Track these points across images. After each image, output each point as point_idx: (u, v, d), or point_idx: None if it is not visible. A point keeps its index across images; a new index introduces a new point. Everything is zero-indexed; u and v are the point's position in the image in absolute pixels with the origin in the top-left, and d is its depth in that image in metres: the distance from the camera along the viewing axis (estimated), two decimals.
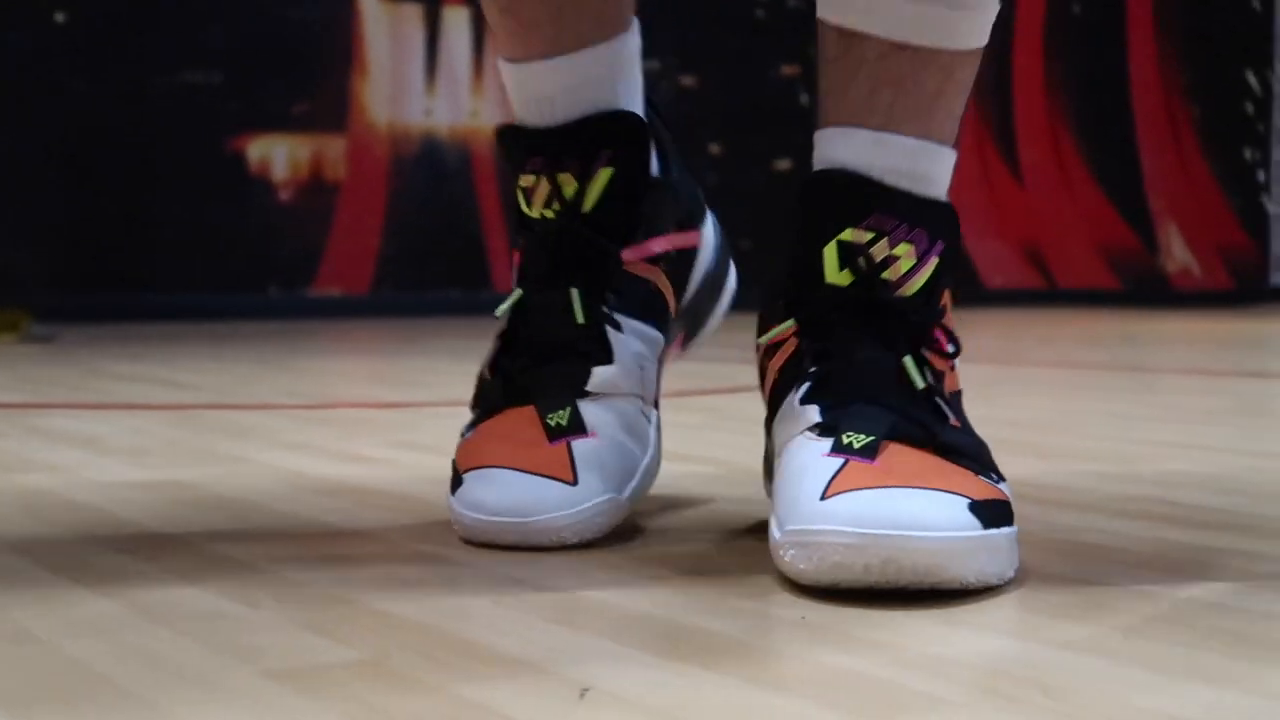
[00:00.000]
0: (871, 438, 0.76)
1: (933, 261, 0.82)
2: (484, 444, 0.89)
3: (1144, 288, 5.96)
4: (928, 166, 0.83)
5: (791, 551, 0.73)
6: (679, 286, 0.99)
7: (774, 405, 0.86)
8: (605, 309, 0.92)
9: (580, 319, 0.91)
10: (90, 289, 4.15)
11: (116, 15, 4.17)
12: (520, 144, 0.94)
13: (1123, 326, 4.15)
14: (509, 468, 0.86)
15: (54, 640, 0.65)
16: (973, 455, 0.78)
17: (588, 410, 0.89)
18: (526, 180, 0.94)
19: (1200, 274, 6.10)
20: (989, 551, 0.73)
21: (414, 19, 4.50)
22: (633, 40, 0.96)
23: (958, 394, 0.85)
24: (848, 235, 0.81)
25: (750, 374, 0.99)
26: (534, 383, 0.90)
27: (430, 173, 4.53)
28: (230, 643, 0.65)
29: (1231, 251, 6.16)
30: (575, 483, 0.86)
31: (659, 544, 0.88)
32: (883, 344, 0.81)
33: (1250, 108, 6.14)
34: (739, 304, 1.07)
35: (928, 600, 0.73)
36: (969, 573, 0.72)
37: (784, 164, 4.99)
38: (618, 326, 0.92)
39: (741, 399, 1.89)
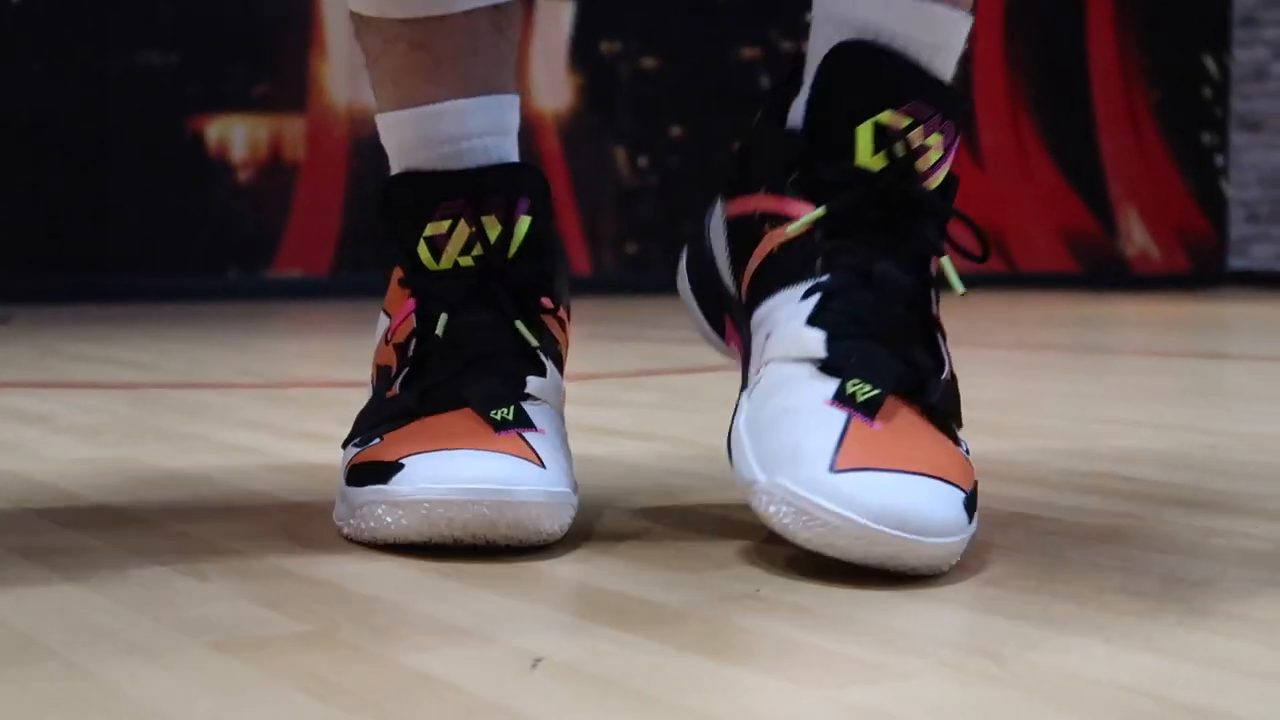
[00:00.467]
0: (876, 392, 0.73)
1: (953, 155, 0.79)
2: (417, 435, 0.79)
3: (1103, 271, 5.98)
4: (958, 40, 0.78)
5: (784, 510, 0.70)
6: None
7: (763, 282, 0.80)
8: (535, 343, 0.85)
9: (507, 333, 0.84)
10: (48, 270, 4.12)
11: None
12: (427, 191, 0.86)
13: (1082, 309, 4.17)
14: (467, 448, 0.77)
15: (1, 614, 0.65)
16: (950, 411, 0.76)
17: (531, 411, 0.81)
18: (437, 228, 0.85)
19: (1159, 257, 6.13)
20: (968, 545, 0.74)
21: None
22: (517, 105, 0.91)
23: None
24: (886, 118, 0.76)
25: (707, 355, 0.98)
26: (466, 387, 0.81)
27: None
28: (179, 615, 0.65)
29: (1190, 235, 6.19)
30: (544, 466, 0.77)
31: (613, 518, 0.88)
32: (905, 254, 0.77)
33: (1208, 92, 6.18)
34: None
35: (881, 572, 0.73)
36: (951, 566, 0.72)
37: None
38: (543, 367, 0.85)
39: (698, 379, 1.89)
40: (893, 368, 0.74)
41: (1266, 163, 6.09)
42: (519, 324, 0.84)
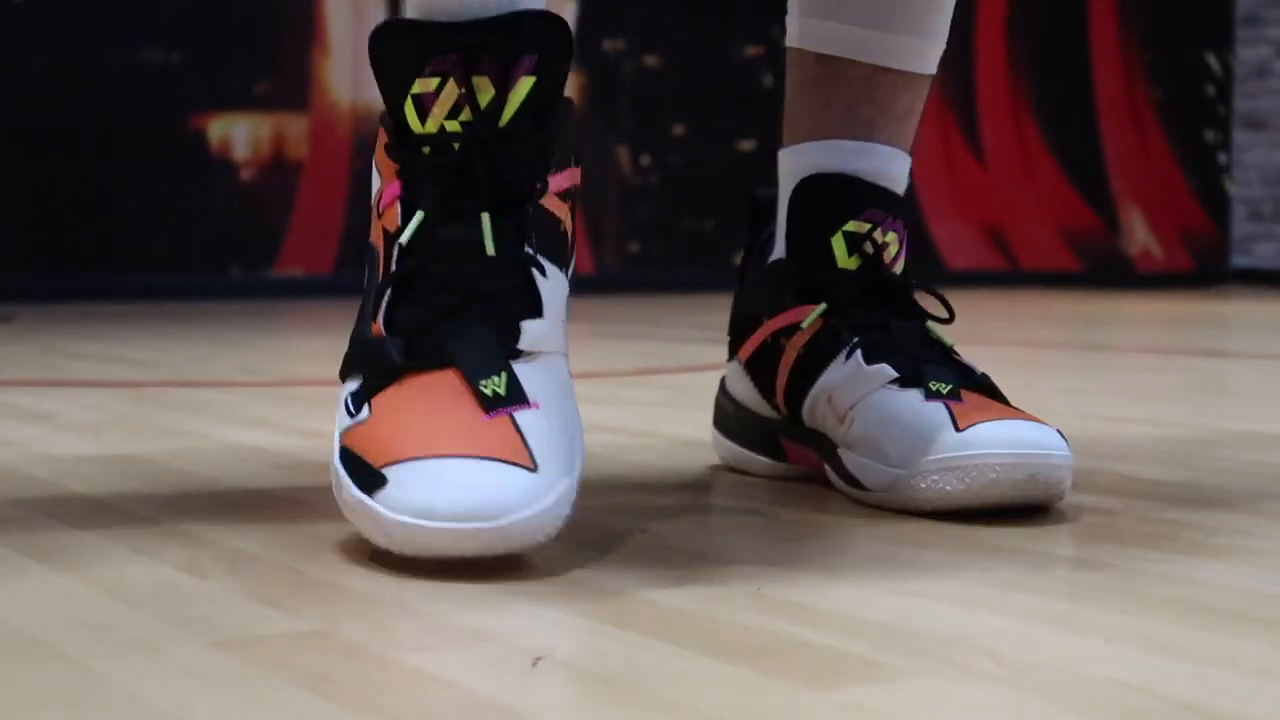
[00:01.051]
0: (951, 385, 0.90)
1: (905, 246, 0.98)
2: (404, 422, 0.73)
3: (1105, 269, 5.98)
4: (899, 170, 0.99)
5: (934, 478, 0.86)
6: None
7: (801, 378, 0.97)
8: (529, 249, 0.78)
9: (495, 254, 0.77)
10: (51, 269, 4.13)
11: None
12: (417, 40, 0.78)
13: (1084, 307, 4.16)
14: (453, 455, 0.70)
15: (2, 611, 0.65)
16: (1002, 394, 0.92)
17: (525, 374, 0.75)
18: (424, 85, 0.78)
19: (1161, 256, 6.13)
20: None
21: None
22: None
23: None
24: (851, 226, 0.96)
25: (710, 353, 0.98)
26: (452, 340, 0.75)
27: None
28: (178, 614, 0.65)
29: (1192, 233, 6.19)
30: (535, 468, 0.71)
31: (614, 516, 0.88)
32: (902, 313, 0.96)
33: (1211, 90, 6.17)
34: (697, 284, 1.07)
35: (882, 571, 0.73)
36: (1069, 488, 0.88)
37: (748, 145, 4.99)
38: (542, 270, 0.78)
39: (700, 377, 1.89)
40: (949, 368, 0.92)
41: (1269, 161, 6.08)
42: (492, 242, 0.77)
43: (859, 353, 0.94)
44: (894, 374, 0.91)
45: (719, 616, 0.65)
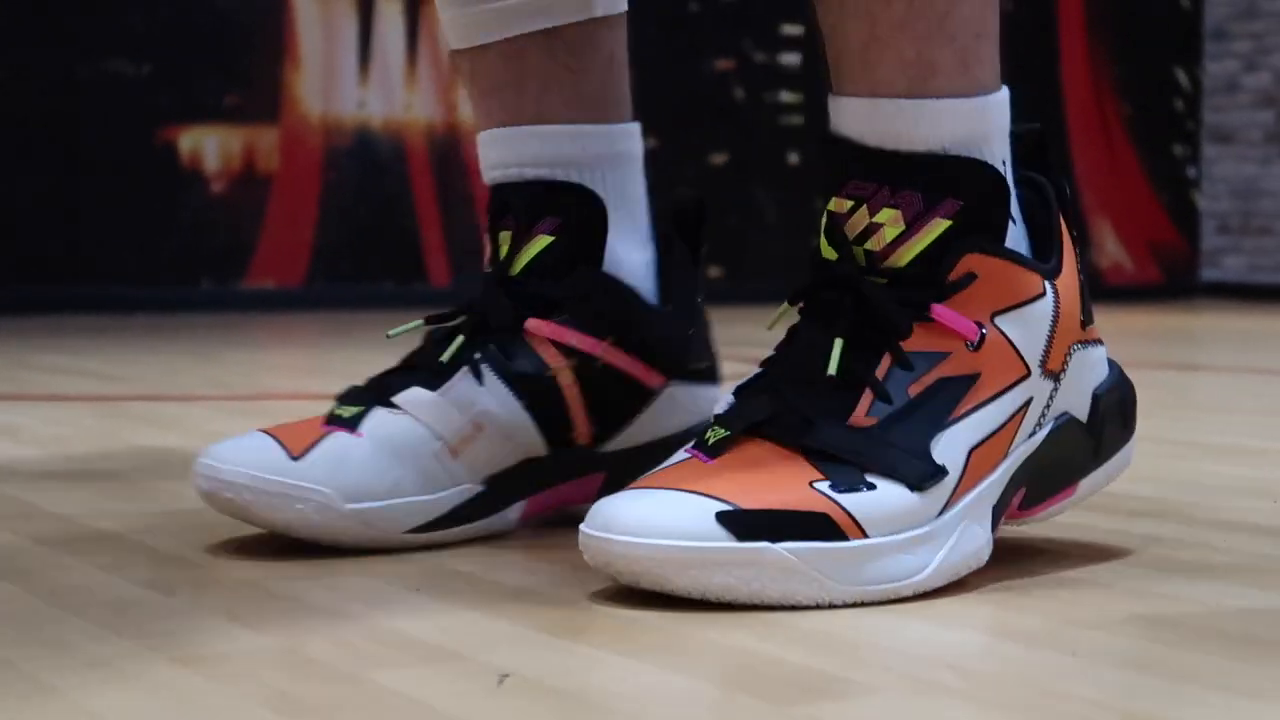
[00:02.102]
0: (725, 433, 0.72)
1: (935, 224, 0.74)
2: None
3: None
4: (906, 124, 0.74)
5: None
6: (598, 409, 0.87)
7: None
8: (477, 356, 0.85)
9: (445, 359, 0.85)
10: (19, 281, 4.11)
11: (44, 3, 4.12)
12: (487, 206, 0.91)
13: None
14: (262, 430, 0.84)
15: None
16: (854, 458, 0.71)
17: (375, 415, 0.83)
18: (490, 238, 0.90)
19: (1131, 268, 6.16)
20: (733, 565, 0.68)
21: (346, 10, 4.47)
22: (622, 136, 0.90)
23: (955, 381, 0.74)
24: (833, 205, 0.76)
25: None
26: (369, 383, 0.86)
27: (364, 165, 4.50)
28: (141, 629, 0.64)
29: (1162, 247, 6.22)
30: (298, 457, 0.81)
31: (574, 530, 0.88)
32: (828, 323, 0.74)
33: (1180, 104, 6.20)
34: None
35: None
36: (691, 583, 0.68)
37: (719, 158, 5.00)
38: (478, 376, 0.84)
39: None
40: (765, 408, 0.72)
41: (1238, 175, 6.12)
42: (452, 348, 0.85)
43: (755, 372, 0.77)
44: (722, 408, 0.75)
45: (686, 632, 0.65)
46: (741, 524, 0.68)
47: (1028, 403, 0.76)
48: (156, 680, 0.57)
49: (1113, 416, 0.82)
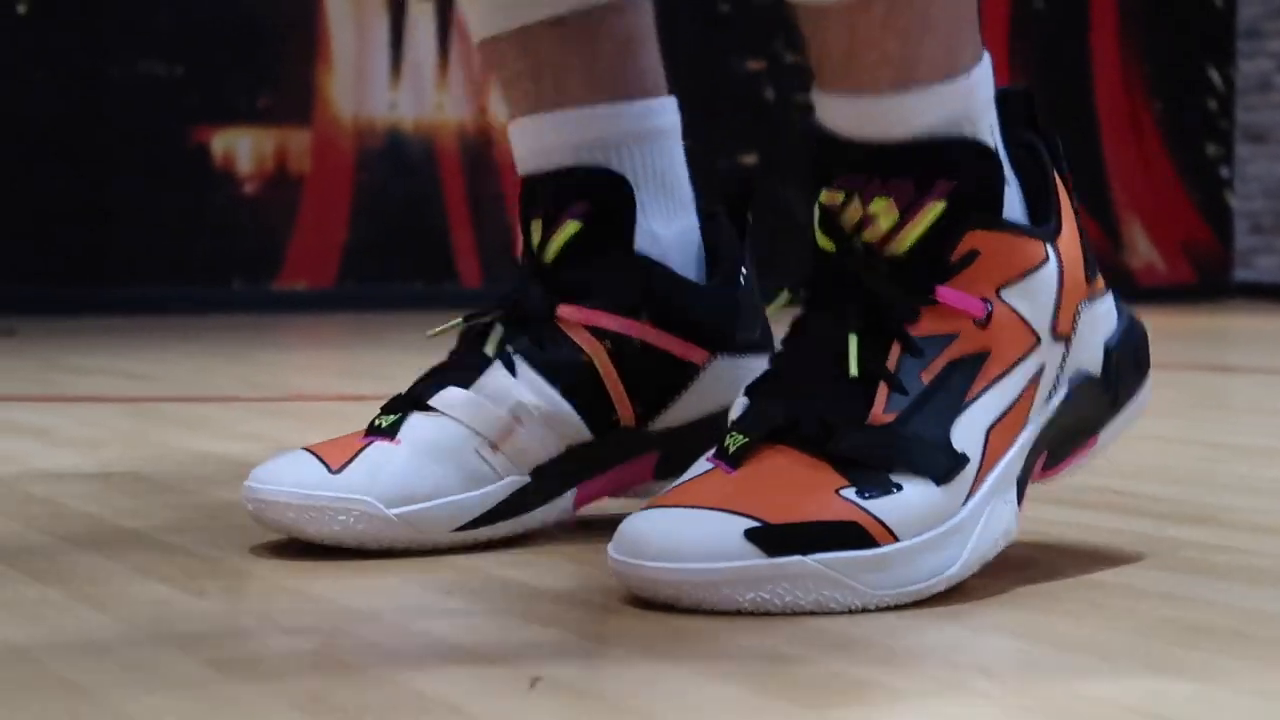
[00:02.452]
0: (746, 440, 0.71)
1: (930, 208, 0.73)
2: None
3: (1108, 283, 5.97)
4: (903, 115, 0.73)
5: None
6: (640, 390, 0.86)
7: None
8: (509, 348, 0.85)
9: (482, 354, 0.85)
10: (52, 282, 4.13)
11: (79, 6, 4.14)
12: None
13: None
14: (305, 448, 0.84)
15: None
16: (878, 460, 0.70)
17: (412, 420, 0.83)
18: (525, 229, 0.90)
19: (1164, 269, 6.13)
20: (765, 580, 0.67)
21: (378, 11, 4.48)
22: (646, 112, 0.89)
23: (965, 361, 0.73)
24: (824, 198, 0.75)
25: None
26: (409, 390, 0.86)
27: (395, 166, 4.51)
28: (175, 632, 0.65)
29: (1195, 247, 6.19)
30: (337, 471, 0.81)
31: (608, 532, 0.88)
32: (837, 317, 0.73)
33: (1213, 104, 6.18)
34: None
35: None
36: (724, 601, 0.67)
37: (750, 158, 4.99)
38: (511, 368, 0.84)
39: None
40: (784, 413, 0.72)
41: (1271, 174, 6.09)
42: (498, 329, 0.85)
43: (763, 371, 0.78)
44: (738, 412, 0.74)
45: (718, 636, 0.65)
46: (770, 540, 0.68)
47: (1040, 370, 0.75)
48: (192, 682, 0.57)
49: (1126, 365, 0.82)
